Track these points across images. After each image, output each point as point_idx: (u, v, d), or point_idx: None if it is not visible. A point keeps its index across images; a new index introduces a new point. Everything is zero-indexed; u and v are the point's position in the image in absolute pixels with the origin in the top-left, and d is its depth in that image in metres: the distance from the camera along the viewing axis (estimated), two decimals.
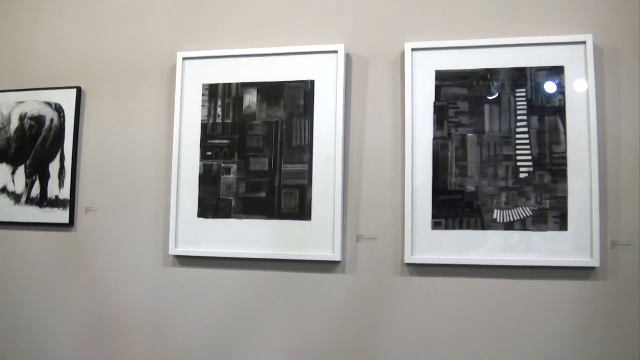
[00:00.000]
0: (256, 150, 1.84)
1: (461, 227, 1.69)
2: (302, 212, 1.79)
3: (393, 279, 1.75)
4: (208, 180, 1.86)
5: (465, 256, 1.69)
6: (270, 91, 1.85)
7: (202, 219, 1.86)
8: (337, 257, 1.74)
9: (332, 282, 1.79)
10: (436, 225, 1.71)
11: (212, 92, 1.89)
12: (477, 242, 1.68)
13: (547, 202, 1.66)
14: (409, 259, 1.71)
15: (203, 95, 1.90)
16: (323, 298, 1.79)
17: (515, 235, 1.67)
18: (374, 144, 1.79)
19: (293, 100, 1.82)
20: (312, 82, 1.81)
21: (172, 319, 1.87)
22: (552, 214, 1.66)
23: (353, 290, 1.77)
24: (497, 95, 1.69)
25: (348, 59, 1.82)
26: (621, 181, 1.67)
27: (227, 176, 1.85)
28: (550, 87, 1.69)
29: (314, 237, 1.77)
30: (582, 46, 1.68)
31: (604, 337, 1.65)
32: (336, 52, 1.79)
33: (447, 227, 1.70)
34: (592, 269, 1.65)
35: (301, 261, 1.79)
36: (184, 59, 1.93)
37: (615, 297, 1.65)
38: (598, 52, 1.70)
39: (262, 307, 1.82)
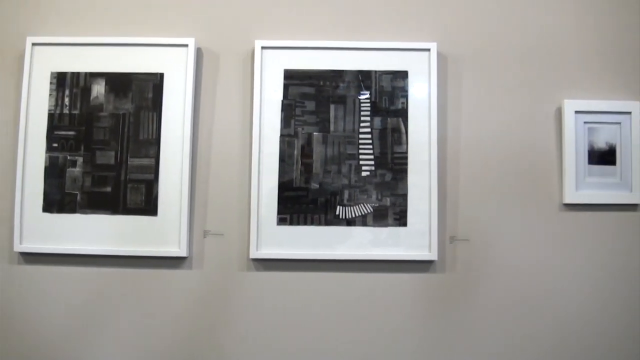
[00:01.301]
0: (102, 143, 1.77)
1: (305, 223, 1.71)
2: (148, 207, 1.74)
3: (239, 274, 1.74)
4: (53, 173, 1.78)
5: (310, 251, 1.70)
6: (118, 82, 1.79)
7: (47, 214, 1.78)
8: (183, 252, 1.71)
9: (179, 278, 1.75)
10: (281, 221, 1.71)
11: (60, 80, 1.81)
12: (321, 238, 1.71)
13: (388, 199, 1.71)
14: (254, 254, 1.70)
15: (51, 83, 1.81)
16: (170, 294, 1.75)
17: (358, 231, 1.71)
18: (222, 140, 1.77)
19: (141, 93, 1.77)
20: (161, 75, 1.77)
21: (18, 319, 1.77)
22: (392, 211, 1.70)
23: (200, 286, 1.75)
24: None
25: (199, 53, 1.79)
26: (460, 180, 1.75)
27: (73, 169, 1.77)
28: (394, 90, 1.73)
29: (160, 233, 1.73)
30: (426, 53, 1.75)
31: (442, 324, 1.75)
32: (186, 45, 1.76)
33: (292, 223, 1.71)
34: (430, 262, 1.70)
35: (147, 257, 1.75)
36: (33, 44, 1.83)
37: (452, 287, 1.75)
38: (442, 59, 1.77)
39: (107, 305, 1.75)
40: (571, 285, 1.76)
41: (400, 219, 1.71)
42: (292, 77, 1.75)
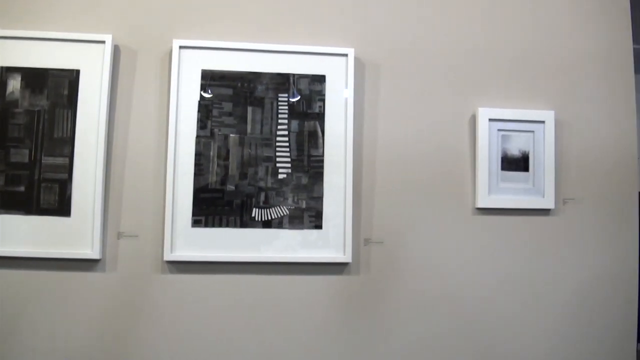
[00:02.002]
0: (17, 140, 1.73)
1: (221, 225, 1.71)
2: (62, 207, 1.71)
3: (153, 277, 1.72)
4: None
5: (225, 253, 1.70)
6: (34, 78, 1.75)
7: None
8: (96, 255, 1.69)
9: (92, 280, 1.73)
10: (196, 223, 1.70)
11: None
12: (237, 240, 1.71)
13: (304, 201, 1.72)
14: (168, 256, 1.69)
15: None
16: (84, 298, 1.72)
17: (274, 233, 1.71)
18: (138, 140, 1.75)
19: (57, 89, 1.74)
20: (77, 72, 1.74)
21: None
22: (308, 213, 1.71)
23: (114, 289, 1.73)
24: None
25: (116, 50, 1.76)
26: (375, 184, 1.77)
27: None
28: (311, 93, 1.74)
29: (73, 234, 1.70)
30: (344, 58, 1.76)
31: (356, 325, 1.77)
32: (103, 42, 1.74)
33: (207, 225, 1.70)
34: (345, 264, 1.72)
35: (60, 259, 1.71)
36: None
37: (367, 289, 1.77)
38: (359, 65, 1.79)
39: (21, 309, 1.71)
40: (483, 286, 1.80)
41: (316, 222, 1.73)
42: (209, 78, 1.74)
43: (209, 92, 1.74)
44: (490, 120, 1.81)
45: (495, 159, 1.82)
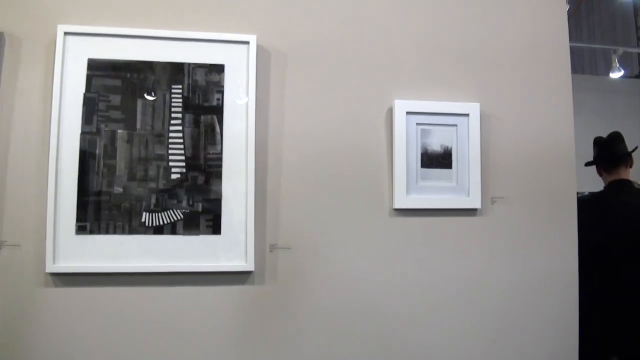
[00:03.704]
0: None
1: (107, 232, 1.53)
2: None
3: (36, 291, 1.54)
4: None
5: (112, 263, 1.52)
6: None
7: None
8: None
9: None
10: (80, 230, 1.53)
11: None
12: (125, 248, 1.54)
13: (200, 204, 1.55)
14: (51, 267, 1.51)
15: None
16: None
17: (165, 240, 1.55)
18: (21, 136, 1.57)
19: None
20: None
21: None
22: (204, 217, 1.55)
23: None
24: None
25: (0, 38, 1.58)
26: (282, 184, 1.61)
27: None
28: (208, 85, 1.58)
29: None
30: (245, 46, 1.60)
31: (261, 339, 1.60)
32: None
33: (92, 232, 1.53)
34: (247, 273, 1.56)
35: None
36: None
37: (273, 299, 1.60)
38: (263, 53, 1.63)
39: None
40: (402, 294, 1.66)
41: (214, 227, 1.56)
42: (96, 68, 1.57)
43: (96, 83, 1.56)
44: (407, 113, 1.65)
45: (414, 156, 1.66)
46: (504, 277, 1.71)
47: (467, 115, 1.70)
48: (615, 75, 4.92)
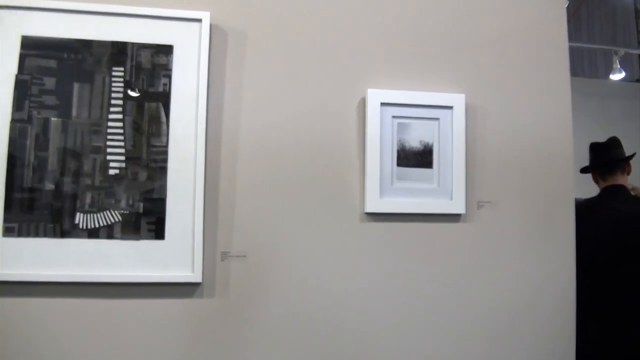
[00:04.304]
0: None
1: (37, 234, 1.34)
2: None
3: None
4: None
5: (41, 271, 1.34)
6: None
7: None
8: None
9: None
10: (8, 231, 1.34)
11: None
12: (56, 254, 1.35)
13: (141, 204, 1.36)
14: None
15: None
16: None
17: (102, 245, 1.36)
18: None
19: None
20: None
21: None
22: (146, 220, 1.36)
23: None
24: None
25: None
26: (237, 183, 1.41)
27: None
28: (154, 68, 1.38)
29: None
30: (197, 24, 1.41)
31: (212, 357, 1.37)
32: None
33: (21, 234, 1.34)
34: (195, 284, 1.36)
35: None
36: None
37: (224, 315, 1.41)
38: (218, 33, 1.43)
39: None
40: (374, 308, 1.46)
41: (157, 231, 1.37)
42: (31, 47, 1.38)
43: (30, 64, 1.36)
44: (382, 104, 1.45)
45: (389, 153, 1.46)
46: (490, 293, 1.50)
47: (451, 107, 1.49)
48: (616, 77, 4.68)
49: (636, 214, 1.92)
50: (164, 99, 1.41)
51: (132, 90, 1.40)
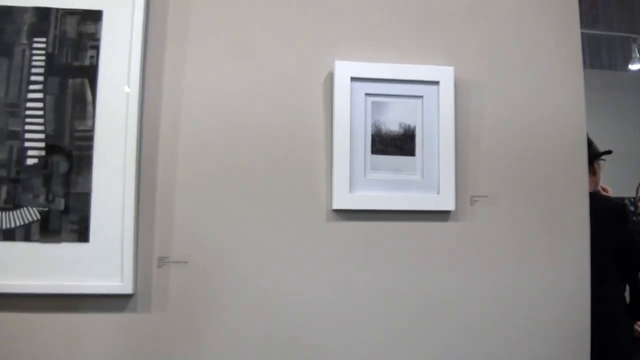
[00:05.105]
0: None
1: None
2: None
3: None
4: None
5: None
6: None
7: None
8: None
9: None
10: None
11: None
12: None
13: (62, 200, 1.15)
14: None
15: None
16: None
17: (17, 248, 1.14)
18: None
19: None
20: None
21: None
22: (68, 219, 1.15)
23: None
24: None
25: None
26: (177, 174, 1.18)
27: None
28: (80, 38, 1.17)
29: None
30: None
31: None
32: None
33: None
34: (125, 296, 1.13)
35: None
36: None
37: (161, 332, 1.18)
38: None
39: None
40: (342, 321, 1.21)
41: (80, 232, 1.15)
42: None
43: None
44: (353, 79, 1.21)
45: (361, 138, 1.22)
46: (486, 307, 1.24)
47: (437, 83, 1.24)
48: (635, 66, 4.73)
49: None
50: (91, 74, 1.19)
51: (54, 64, 1.18)
